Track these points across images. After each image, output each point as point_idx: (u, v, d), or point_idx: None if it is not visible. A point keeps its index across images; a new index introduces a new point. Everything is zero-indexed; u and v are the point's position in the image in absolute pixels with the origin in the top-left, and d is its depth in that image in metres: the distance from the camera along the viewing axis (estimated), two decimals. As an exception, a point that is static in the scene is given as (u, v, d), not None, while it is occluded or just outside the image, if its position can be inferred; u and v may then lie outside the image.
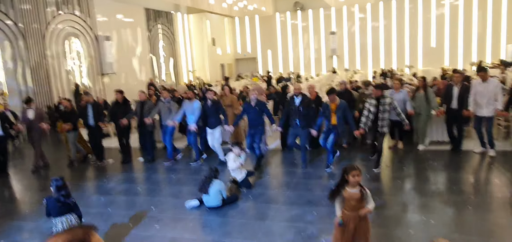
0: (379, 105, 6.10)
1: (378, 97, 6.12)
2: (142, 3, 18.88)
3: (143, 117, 7.80)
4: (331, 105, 6.42)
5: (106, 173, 7.55)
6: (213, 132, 7.35)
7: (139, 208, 5.52)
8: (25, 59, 12.84)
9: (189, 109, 7.44)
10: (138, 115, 7.92)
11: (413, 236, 4.12)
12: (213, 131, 7.33)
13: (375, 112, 6.15)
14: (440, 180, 5.84)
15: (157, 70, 20.08)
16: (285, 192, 5.76)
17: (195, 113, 7.35)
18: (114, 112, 7.99)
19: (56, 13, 14.00)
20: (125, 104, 8.02)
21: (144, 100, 7.94)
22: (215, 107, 7.31)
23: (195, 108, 7.38)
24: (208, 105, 7.28)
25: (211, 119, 7.29)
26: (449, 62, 21.74)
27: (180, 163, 7.81)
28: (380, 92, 6.14)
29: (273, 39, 25.92)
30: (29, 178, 7.59)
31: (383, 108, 6.09)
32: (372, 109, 6.16)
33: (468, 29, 21.54)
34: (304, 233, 4.34)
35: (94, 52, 15.71)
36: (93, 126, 7.89)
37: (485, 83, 6.61)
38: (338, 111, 6.35)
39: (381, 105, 6.09)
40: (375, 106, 6.13)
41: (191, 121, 7.37)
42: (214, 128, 7.32)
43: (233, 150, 6.00)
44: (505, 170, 6.02)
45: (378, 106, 6.12)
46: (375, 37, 23.60)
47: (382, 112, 6.10)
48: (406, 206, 4.96)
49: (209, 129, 7.36)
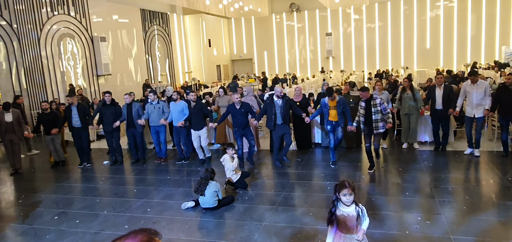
0: (371, 106, 6.16)
1: (369, 99, 6.19)
2: (138, 4, 18.84)
3: (131, 120, 7.83)
4: (330, 102, 6.70)
5: (100, 174, 7.52)
6: (197, 133, 7.40)
7: (134, 209, 5.50)
8: (19, 60, 12.76)
9: (175, 110, 7.54)
10: (126, 118, 7.91)
11: (408, 236, 4.14)
12: (198, 132, 7.38)
13: (363, 114, 6.25)
14: (433, 180, 5.86)
15: (153, 71, 20.02)
16: (281, 192, 5.77)
17: (183, 113, 7.46)
18: (103, 114, 7.94)
19: (51, 14, 13.93)
20: (113, 105, 8.00)
21: (130, 102, 7.93)
22: (199, 107, 7.38)
23: (182, 109, 7.47)
24: (191, 106, 7.38)
25: (195, 120, 7.33)
26: (444, 63, 21.93)
27: (176, 164, 7.80)
28: (368, 94, 6.21)
29: (269, 40, 25.95)
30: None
31: (374, 109, 6.13)
32: (361, 111, 6.27)
33: (463, 30, 21.71)
34: (300, 234, 4.35)
35: (89, 53, 15.64)
36: (79, 128, 7.87)
37: (474, 85, 6.71)
38: (338, 107, 6.71)
39: (372, 107, 6.14)
40: (364, 108, 6.22)
41: (179, 119, 7.44)
42: (198, 129, 7.37)
43: (228, 151, 6.03)
44: (498, 170, 6.07)
45: (368, 108, 6.19)
46: (371, 38, 23.71)
47: (374, 113, 6.14)
48: (402, 206, 4.99)
49: (194, 131, 7.41)
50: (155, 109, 7.73)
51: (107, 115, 7.85)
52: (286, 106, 6.83)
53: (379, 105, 6.11)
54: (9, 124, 7.67)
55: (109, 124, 7.86)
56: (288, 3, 25.03)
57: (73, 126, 7.90)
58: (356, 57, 24.24)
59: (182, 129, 7.52)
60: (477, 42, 21.58)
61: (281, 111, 6.79)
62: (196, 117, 7.35)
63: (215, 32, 25.08)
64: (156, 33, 20.26)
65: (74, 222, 5.18)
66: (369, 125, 6.22)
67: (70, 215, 5.47)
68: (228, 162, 5.94)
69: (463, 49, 21.77)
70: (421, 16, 22.46)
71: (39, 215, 5.53)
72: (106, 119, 7.89)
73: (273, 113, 6.82)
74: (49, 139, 8.06)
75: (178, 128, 7.52)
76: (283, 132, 6.88)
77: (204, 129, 7.44)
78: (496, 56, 20.80)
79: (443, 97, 7.02)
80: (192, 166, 7.58)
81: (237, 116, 7.00)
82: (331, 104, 6.71)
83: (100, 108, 8.03)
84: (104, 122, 7.94)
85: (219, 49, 25.64)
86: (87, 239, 4.69)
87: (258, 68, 26.20)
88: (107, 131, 7.96)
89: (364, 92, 6.20)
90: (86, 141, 8.11)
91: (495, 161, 6.57)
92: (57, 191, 6.65)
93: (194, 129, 7.43)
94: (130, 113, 7.83)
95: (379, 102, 6.12)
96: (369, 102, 6.15)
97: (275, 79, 19.19)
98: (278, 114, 6.80)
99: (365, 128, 6.30)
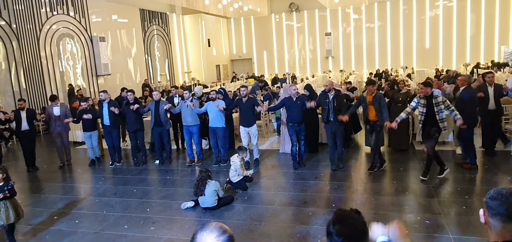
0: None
1: (430, 96, 5.55)
2: (137, 4, 18.83)
3: (158, 118, 7.63)
4: (368, 97, 6.11)
5: (101, 175, 7.51)
6: (246, 130, 7.18)
7: (134, 209, 5.50)
8: (18, 60, 12.74)
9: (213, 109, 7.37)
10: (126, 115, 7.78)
11: (407, 235, 4.13)
12: (248, 129, 7.17)
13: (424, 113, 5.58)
14: (434, 180, 5.86)
15: (152, 71, 20.01)
16: (281, 193, 5.77)
17: (221, 112, 7.27)
18: (125, 113, 7.76)
19: (50, 14, 13.91)
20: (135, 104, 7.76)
21: (158, 100, 7.73)
22: (251, 103, 7.16)
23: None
24: (243, 102, 7.14)
25: (245, 116, 7.12)
26: (443, 63, 21.93)
27: (175, 164, 7.79)
28: (430, 90, 5.54)
29: (268, 40, 25.94)
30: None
31: (437, 108, 5.50)
32: (421, 109, 5.63)
33: (462, 30, 21.71)
34: (300, 234, 4.35)
35: (88, 53, 15.63)
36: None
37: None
38: (375, 102, 6.01)
39: (435, 106, 5.50)
40: (425, 105, 5.57)
41: (217, 118, 7.26)
42: (248, 126, 7.16)
43: (240, 154, 6.10)
44: (497, 170, 6.07)
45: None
46: (370, 38, 23.71)
47: (438, 112, 5.50)
48: (401, 207, 4.99)
49: (243, 128, 7.23)
50: (189, 108, 7.34)
51: (130, 114, 7.65)
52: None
53: (442, 104, 5.44)
54: (57, 117, 7.88)
55: (131, 123, 7.70)
56: (288, 3, 25.02)
57: (104, 124, 7.81)
58: (355, 57, 24.25)
59: (219, 129, 7.22)
60: (476, 42, 21.59)
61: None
62: (247, 113, 7.07)
63: (215, 32, 25.07)
64: (155, 33, 20.25)
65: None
66: (434, 126, 5.54)
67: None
68: (237, 163, 5.96)
69: (463, 49, 21.77)
70: (420, 16, 22.47)
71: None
72: (128, 119, 7.73)
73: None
74: (87, 135, 8.07)
75: (214, 129, 7.24)
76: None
77: (255, 125, 7.17)
78: (495, 56, 20.81)
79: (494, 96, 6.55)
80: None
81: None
82: (369, 99, 6.05)
83: (123, 108, 7.78)
84: (127, 121, 7.83)
85: (219, 49, 25.63)
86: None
87: (258, 68, 26.19)
88: (130, 130, 7.83)
89: (426, 88, 5.46)
90: (117, 140, 8.00)
91: (495, 161, 6.57)
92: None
93: (243, 125, 7.17)
94: (158, 112, 7.57)
95: (442, 100, 5.45)
96: (431, 99, 5.49)
97: (275, 79, 19.19)
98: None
99: (428, 129, 5.59)
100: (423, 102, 5.54)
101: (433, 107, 5.45)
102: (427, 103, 5.49)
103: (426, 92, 5.50)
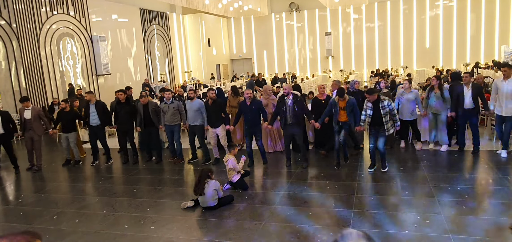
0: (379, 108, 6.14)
1: (376, 101, 6.12)
2: (137, 3, 18.82)
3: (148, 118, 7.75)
4: (340, 103, 6.64)
5: (100, 174, 7.51)
6: (215, 131, 7.41)
7: (134, 208, 5.50)
8: (18, 59, 12.75)
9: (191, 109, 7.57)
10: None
11: (407, 235, 4.14)
12: (216, 130, 7.39)
13: (371, 115, 6.18)
14: (433, 179, 5.86)
15: (152, 71, 20.01)
16: (280, 192, 5.77)
17: (199, 112, 7.50)
18: (117, 112, 7.87)
19: (50, 13, 13.91)
20: (128, 104, 7.92)
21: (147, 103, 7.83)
22: (218, 105, 7.38)
23: (198, 108, 7.48)
24: (209, 104, 7.38)
25: (213, 117, 7.33)
26: (443, 62, 21.94)
27: (175, 164, 7.79)
28: (375, 96, 6.12)
29: (268, 40, 25.94)
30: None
31: (383, 111, 6.09)
32: (369, 112, 6.19)
33: (462, 30, 21.72)
34: (300, 234, 4.35)
35: (88, 52, 15.63)
36: (96, 126, 7.84)
37: (507, 81, 6.53)
38: (348, 108, 6.58)
39: (381, 109, 6.10)
40: (371, 109, 6.17)
41: (196, 118, 7.47)
42: (216, 127, 7.37)
43: (232, 151, 6.10)
44: (497, 170, 6.07)
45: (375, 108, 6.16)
46: (370, 38, 23.71)
47: (384, 115, 6.10)
48: (400, 206, 4.99)
49: (211, 128, 7.43)
50: (170, 108, 7.59)
51: (122, 114, 7.76)
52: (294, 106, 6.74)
53: (387, 107, 6.07)
54: (28, 120, 7.73)
55: (123, 123, 7.80)
56: (288, 3, 25.02)
57: (91, 124, 7.84)
58: (355, 57, 24.25)
59: (198, 127, 7.45)
60: (476, 41, 21.60)
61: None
62: (214, 115, 7.31)
63: (215, 31, 25.07)
64: (155, 32, 20.25)
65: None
66: (378, 126, 6.16)
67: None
68: (231, 160, 5.96)
69: (463, 48, 21.78)
70: (420, 16, 22.47)
71: (39, 215, 5.53)
72: (121, 118, 7.81)
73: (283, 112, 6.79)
74: (64, 137, 8.05)
75: (193, 127, 7.48)
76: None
77: (221, 127, 7.37)
78: (495, 56, 20.82)
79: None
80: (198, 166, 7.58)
81: (247, 113, 7.03)
82: (341, 105, 6.63)
83: (115, 107, 7.91)
84: (119, 120, 7.88)
85: (219, 49, 25.63)
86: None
87: (258, 68, 26.20)
88: (122, 130, 7.90)
89: (371, 95, 6.13)
90: (104, 139, 8.09)
91: (495, 160, 6.57)
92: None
93: (211, 126, 7.37)
94: (148, 112, 7.73)
95: (387, 104, 6.06)
96: (377, 104, 6.09)
97: (274, 79, 19.19)
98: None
99: (372, 128, 6.26)
100: (370, 106, 6.20)
101: (380, 110, 6.10)
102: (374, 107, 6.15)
103: (372, 99, 6.10)
